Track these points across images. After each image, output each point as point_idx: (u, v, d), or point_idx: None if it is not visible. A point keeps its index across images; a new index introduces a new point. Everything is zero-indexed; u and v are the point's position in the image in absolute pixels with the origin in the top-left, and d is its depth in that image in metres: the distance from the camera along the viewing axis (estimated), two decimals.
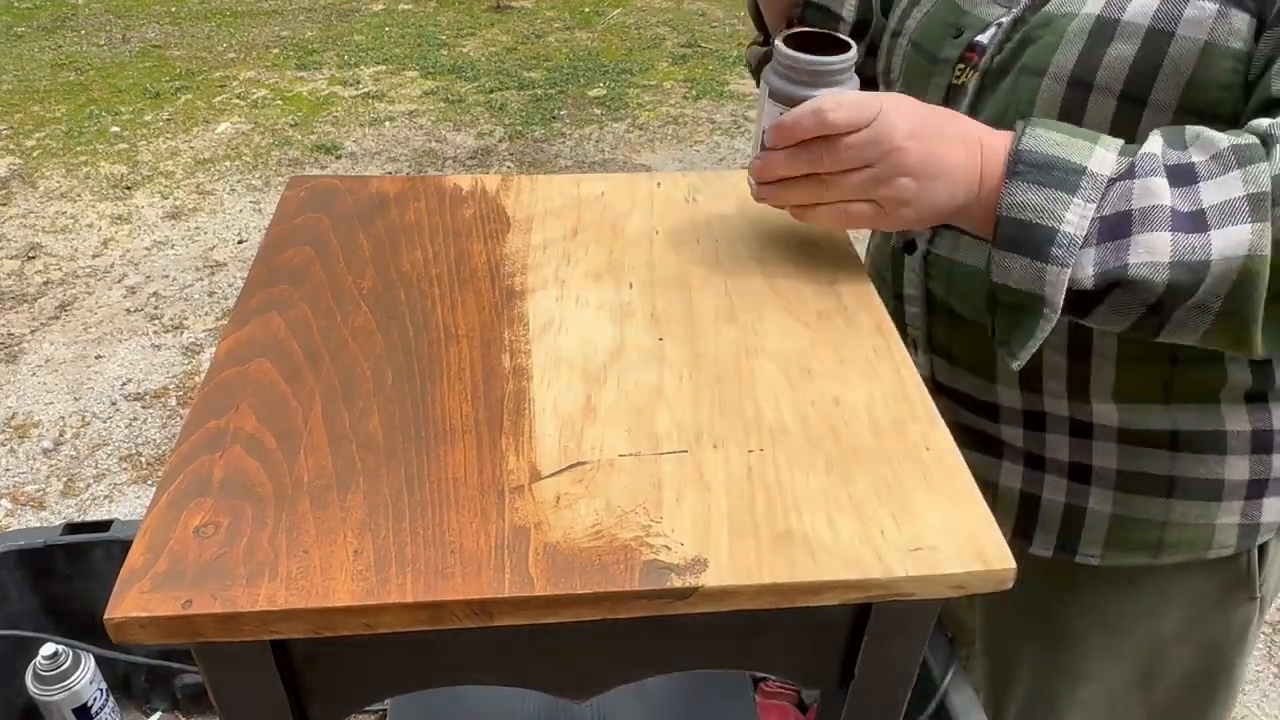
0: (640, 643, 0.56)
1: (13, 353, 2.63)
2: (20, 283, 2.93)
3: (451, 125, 3.99)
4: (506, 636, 0.51)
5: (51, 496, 2.18)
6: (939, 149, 0.64)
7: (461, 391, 0.60)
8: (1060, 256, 0.61)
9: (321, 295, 0.68)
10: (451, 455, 0.56)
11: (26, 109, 4.07)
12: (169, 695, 1.43)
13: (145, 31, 5.01)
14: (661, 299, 0.70)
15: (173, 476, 0.54)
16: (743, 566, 0.49)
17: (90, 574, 1.32)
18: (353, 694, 0.55)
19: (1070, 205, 0.61)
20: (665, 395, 0.61)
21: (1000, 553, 0.51)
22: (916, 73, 0.84)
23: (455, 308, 0.68)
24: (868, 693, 0.58)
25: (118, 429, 2.37)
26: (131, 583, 0.48)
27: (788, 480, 0.55)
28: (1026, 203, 0.61)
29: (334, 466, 0.54)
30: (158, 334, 2.71)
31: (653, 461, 0.56)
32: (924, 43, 0.83)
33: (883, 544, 0.51)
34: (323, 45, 4.82)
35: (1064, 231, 0.61)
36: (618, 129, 3.96)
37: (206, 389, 0.60)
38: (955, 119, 0.67)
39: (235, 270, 2.99)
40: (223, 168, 3.61)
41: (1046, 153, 0.62)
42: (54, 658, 1.24)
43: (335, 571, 0.48)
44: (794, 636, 0.56)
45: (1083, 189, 0.61)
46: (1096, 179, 0.61)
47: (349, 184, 0.83)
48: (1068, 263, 0.61)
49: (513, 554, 0.50)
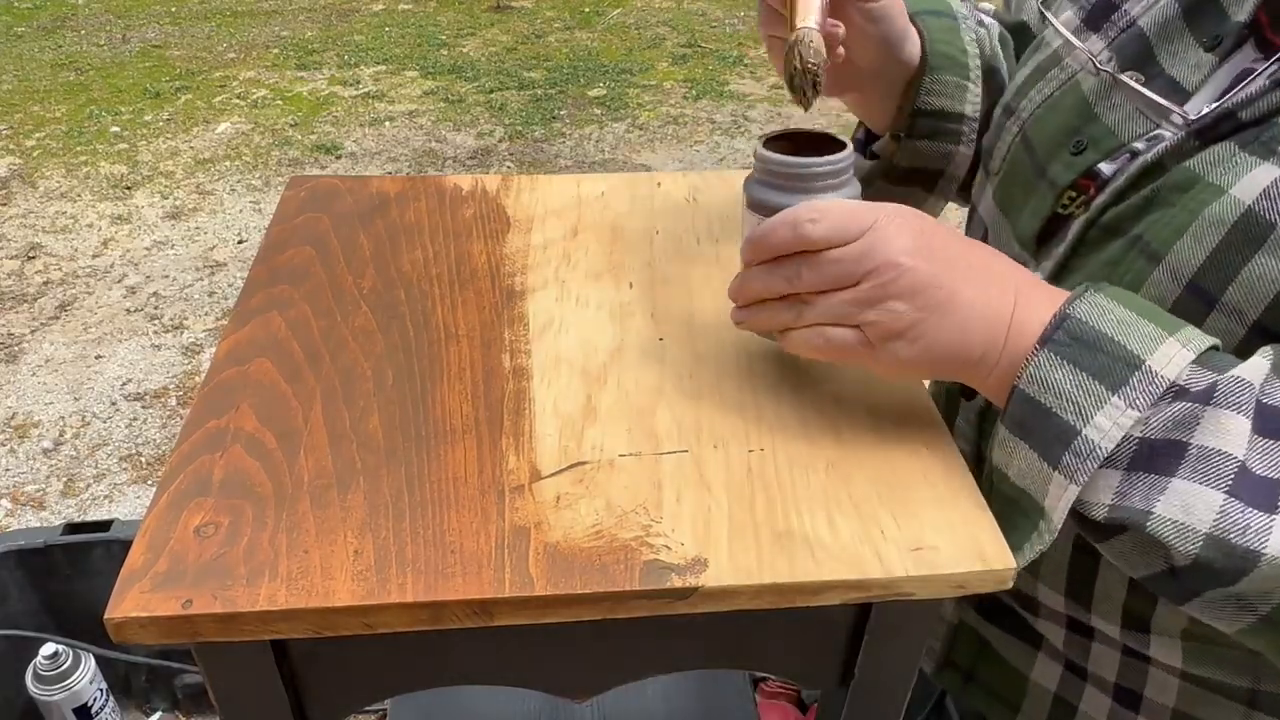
0: (640, 643, 0.56)
1: (13, 353, 2.63)
2: (20, 283, 2.93)
3: (451, 125, 3.99)
4: (507, 636, 0.51)
5: (51, 496, 2.18)
6: (955, 278, 0.51)
7: (462, 391, 0.60)
8: (1072, 468, 0.48)
9: (322, 295, 0.68)
10: (452, 455, 0.56)
11: (26, 109, 4.07)
12: (169, 695, 1.43)
13: (145, 31, 5.01)
14: (661, 299, 0.70)
15: (173, 476, 0.54)
16: (743, 566, 0.49)
17: (90, 574, 1.32)
18: (353, 694, 0.55)
19: (1105, 405, 0.47)
20: (665, 395, 0.61)
21: (1000, 552, 0.51)
22: (1021, 178, 0.67)
23: (455, 307, 0.68)
24: (868, 692, 0.58)
25: (118, 429, 2.37)
26: (132, 582, 0.48)
27: (788, 480, 0.55)
28: (1051, 382, 0.49)
29: (334, 466, 0.54)
30: (158, 334, 2.71)
31: (653, 461, 0.56)
32: (1036, 141, 0.66)
33: (883, 544, 0.51)
34: (323, 45, 4.82)
35: (1086, 436, 0.48)
36: (618, 129, 3.96)
37: (207, 389, 0.60)
38: (993, 255, 0.54)
39: (235, 270, 2.99)
40: (223, 168, 3.61)
41: (1098, 328, 0.49)
42: (54, 658, 1.24)
43: (335, 571, 0.48)
44: (794, 636, 0.56)
45: (1129, 388, 0.47)
46: (1153, 380, 0.47)
47: (349, 184, 0.83)
48: (1080, 478, 0.48)
49: (513, 554, 0.50)
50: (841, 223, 0.52)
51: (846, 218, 0.52)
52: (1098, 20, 0.65)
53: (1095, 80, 0.63)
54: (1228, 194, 0.52)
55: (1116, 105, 0.61)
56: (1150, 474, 0.47)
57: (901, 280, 0.51)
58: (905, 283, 0.51)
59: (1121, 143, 0.60)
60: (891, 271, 0.51)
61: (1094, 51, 0.63)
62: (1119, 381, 0.48)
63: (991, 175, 0.72)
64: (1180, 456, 0.47)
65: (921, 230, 0.52)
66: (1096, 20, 0.65)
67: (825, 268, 0.52)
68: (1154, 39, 0.61)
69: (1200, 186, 0.54)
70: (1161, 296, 0.54)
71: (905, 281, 0.51)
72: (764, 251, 0.54)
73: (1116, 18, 0.64)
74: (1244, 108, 0.53)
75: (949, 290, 0.51)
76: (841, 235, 0.51)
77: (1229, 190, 0.52)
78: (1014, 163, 0.69)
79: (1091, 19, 0.65)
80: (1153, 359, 0.48)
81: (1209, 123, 0.54)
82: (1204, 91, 0.57)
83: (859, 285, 0.52)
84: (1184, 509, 0.46)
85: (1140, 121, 0.59)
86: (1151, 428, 0.48)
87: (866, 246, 0.51)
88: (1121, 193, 0.58)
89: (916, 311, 0.51)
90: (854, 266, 0.51)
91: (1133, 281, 0.56)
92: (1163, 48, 0.60)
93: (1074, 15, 0.67)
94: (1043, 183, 0.64)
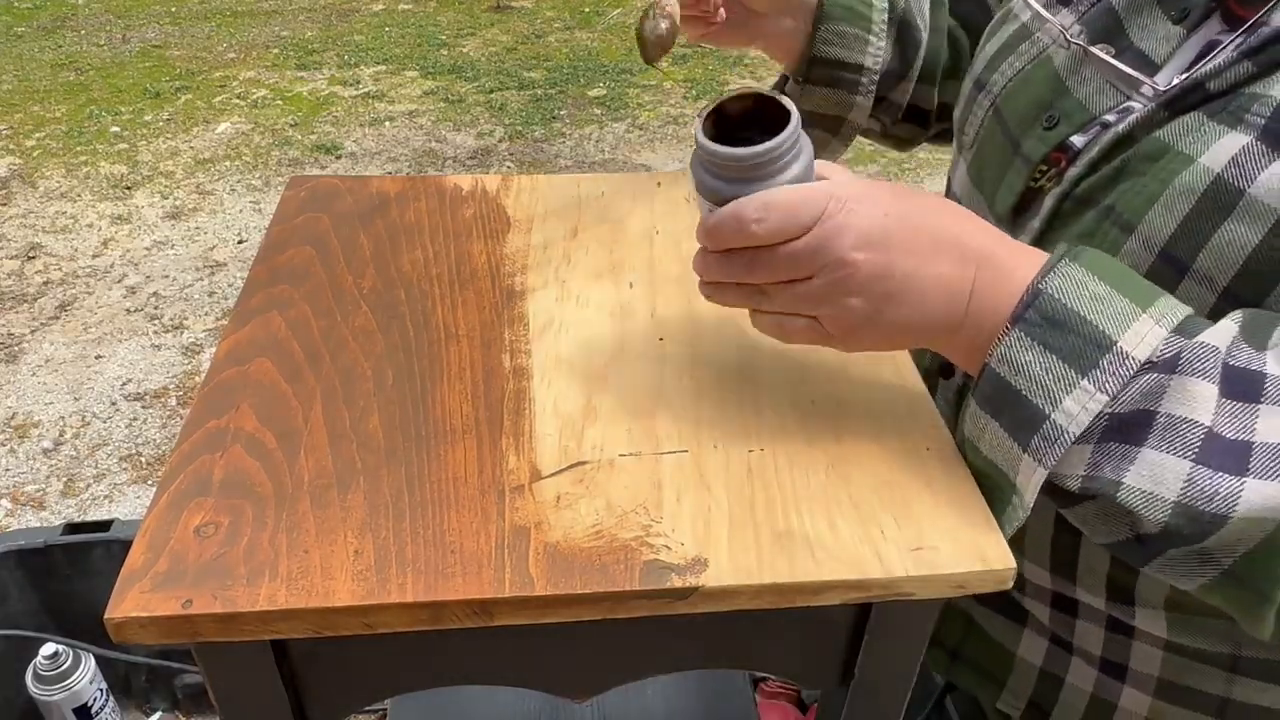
0: (640, 642, 0.56)
1: (13, 353, 2.63)
2: (20, 283, 2.93)
3: (451, 125, 3.99)
4: (507, 636, 0.51)
5: (51, 496, 2.18)
6: (906, 262, 0.51)
7: (462, 391, 0.60)
8: (1041, 450, 0.48)
9: (322, 295, 0.68)
10: (452, 455, 0.56)
11: (26, 109, 4.07)
12: (169, 695, 1.43)
13: (145, 31, 5.01)
14: (661, 299, 0.70)
15: (173, 476, 0.54)
16: (743, 566, 0.49)
17: (90, 574, 1.32)
18: (353, 694, 0.55)
19: (1074, 389, 0.47)
20: (666, 395, 0.61)
21: (1000, 553, 0.51)
22: (994, 152, 0.67)
23: (455, 307, 0.68)
24: (868, 692, 0.58)
25: (118, 429, 2.37)
26: (132, 582, 0.48)
27: (788, 480, 0.55)
28: (1021, 364, 0.49)
29: (334, 466, 0.54)
30: (158, 334, 2.71)
31: (653, 461, 0.56)
32: (1009, 115, 0.66)
33: (883, 544, 0.51)
34: (323, 45, 4.82)
35: (1054, 421, 0.48)
36: (618, 129, 3.96)
37: (207, 389, 0.60)
38: (944, 214, 0.53)
39: (235, 270, 2.99)
40: (223, 168, 3.61)
41: (1071, 306, 0.48)
42: (54, 657, 1.24)
43: (335, 571, 0.48)
44: (794, 636, 0.56)
45: (1100, 371, 0.47)
46: (1125, 361, 0.47)
47: (349, 184, 0.83)
48: (1048, 461, 0.48)
49: (513, 554, 0.50)
50: (789, 217, 0.51)
51: (793, 211, 0.51)
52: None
53: (1066, 54, 0.63)
54: (1197, 162, 0.52)
55: (1087, 79, 0.61)
56: (1121, 444, 0.47)
57: (854, 277, 0.51)
58: (858, 279, 0.51)
59: (1093, 115, 0.60)
60: (843, 269, 0.50)
61: (1065, 25, 0.64)
62: (1089, 365, 0.47)
63: (965, 150, 0.72)
64: (1149, 425, 0.47)
65: (873, 211, 0.51)
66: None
67: (776, 263, 0.52)
68: (1123, 12, 0.61)
69: (1170, 156, 0.54)
70: (1135, 265, 0.54)
71: (858, 278, 0.51)
72: (716, 244, 0.54)
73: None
74: (1212, 79, 0.53)
75: (902, 275, 0.51)
76: (791, 229, 0.51)
77: (1198, 159, 0.52)
78: (987, 138, 0.69)
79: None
80: (1124, 339, 0.47)
81: (1177, 93, 0.55)
82: (1172, 63, 0.58)
83: (812, 280, 0.52)
84: (1153, 479, 0.46)
85: (1111, 94, 0.60)
86: (1120, 403, 0.47)
87: (816, 243, 0.50)
88: (1093, 164, 0.58)
89: (870, 303, 0.51)
90: (806, 261, 0.51)
91: (1107, 252, 0.55)
92: (1132, 21, 0.60)
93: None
94: (1017, 158, 0.64)
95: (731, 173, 0.53)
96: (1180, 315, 0.49)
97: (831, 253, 0.50)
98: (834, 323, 0.53)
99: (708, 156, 0.53)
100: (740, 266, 0.53)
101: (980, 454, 0.53)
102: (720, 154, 0.52)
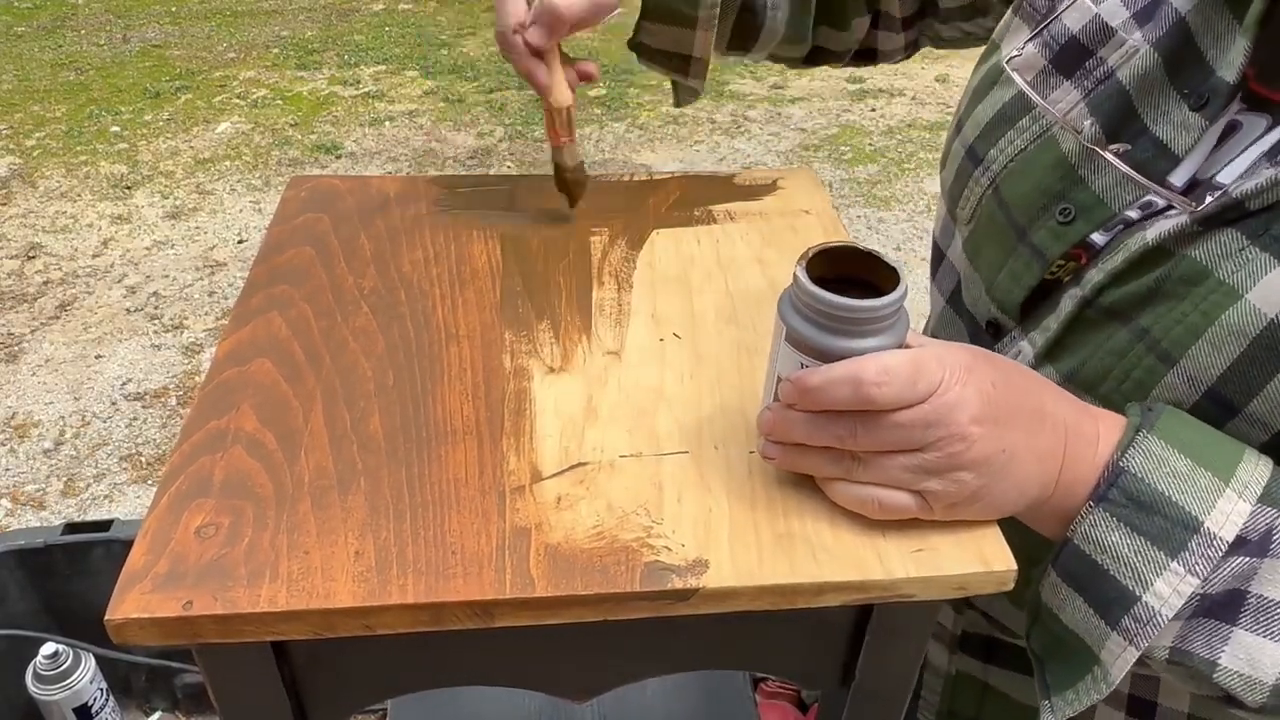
0: (641, 643, 0.56)
1: (13, 353, 2.63)
2: (20, 283, 2.93)
3: (451, 125, 3.99)
4: (507, 637, 0.51)
5: (51, 496, 2.18)
6: (1016, 436, 0.48)
7: (462, 392, 0.60)
8: (1132, 630, 0.47)
9: (322, 295, 0.68)
10: (452, 456, 0.56)
11: (26, 109, 4.07)
12: (169, 695, 1.43)
13: (145, 31, 5.01)
14: (661, 299, 0.70)
15: (173, 477, 0.54)
16: (744, 567, 0.49)
17: (90, 573, 1.32)
18: (353, 694, 0.55)
19: (1164, 572, 0.47)
20: (666, 396, 0.61)
21: (1001, 554, 0.51)
22: (994, 234, 0.64)
23: (456, 308, 0.68)
24: (869, 694, 0.58)
25: (118, 429, 2.37)
26: (132, 583, 0.48)
27: (789, 481, 0.54)
28: (1107, 544, 0.48)
29: (335, 467, 0.54)
30: (158, 334, 2.71)
31: (654, 462, 0.56)
32: (1011, 199, 0.62)
33: (884, 545, 0.51)
34: (323, 45, 4.82)
35: (1146, 603, 0.47)
36: (618, 129, 3.96)
37: (207, 389, 0.60)
38: (1033, 386, 0.51)
39: (235, 270, 2.99)
40: (223, 168, 3.61)
41: (1155, 487, 0.47)
42: (54, 657, 1.25)
43: (336, 572, 0.48)
44: (795, 637, 0.56)
45: (1189, 553, 0.47)
46: (1213, 542, 0.46)
47: (349, 184, 0.83)
48: (1141, 643, 0.47)
49: (514, 555, 0.50)
50: (909, 386, 0.47)
51: (913, 379, 0.47)
52: (1069, 66, 0.61)
53: (1075, 140, 0.59)
54: (1245, 300, 0.50)
55: (1102, 169, 0.58)
56: (1211, 620, 0.47)
57: (970, 452, 0.48)
58: (974, 454, 0.48)
59: (1113, 212, 0.57)
60: (961, 444, 0.47)
61: (1068, 103, 0.60)
62: (1177, 547, 0.47)
63: (960, 224, 0.68)
64: (1240, 606, 0.47)
65: (985, 387, 0.48)
66: (1067, 66, 0.61)
67: (887, 432, 0.48)
68: (1134, 93, 0.57)
69: (1211, 284, 0.52)
70: (1178, 401, 0.53)
71: (974, 453, 0.48)
72: (816, 403, 0.49)
73: (1091, 65, 0.60)
74: (1252, 199, 0.51)
75: (1011, 451, 0.49)
76: (908, 399, 0.47)
77: (1245, 295, 0.50)
78: (985, 218, 0.65)
79: (1061, 63, 0.61)
80: (1210, 518, 0.47)
81: (1213, 211, 0.52)
82: (1193, 156, 0.55)
83: (922, 452, 0.48)
84: (1249, 662, 0.46)
85: (1130, 187, 0.57)
86: (1211, 584, 0.47)
87: (934, 416, 0.47)
88: (1120, 274, 0.56)
89: (980, 479, 0.48)
90: (920, 434, 0.47)
91: (1144, 380, 0.54)
92: (1145, 103, 0.57)
93: (1037, 51, 0.63)
94: (1024, 247, 0.61)
95: (840, 325, 0.48)
96: (1263, 481, 0.48)
97: (949, 426, 0.47)
98: (940, 497, 0.49)
99: (821, 306, 0.48)
100: (840, 430, 0.49)
101: (1060, 623, 0.51)
102: (841, 305, 0.48)
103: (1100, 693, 0.50)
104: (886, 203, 3.38)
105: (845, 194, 3.43)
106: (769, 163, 3.63)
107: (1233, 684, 0.47)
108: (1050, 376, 0.59)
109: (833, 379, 0.48)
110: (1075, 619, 0.50)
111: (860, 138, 3.86)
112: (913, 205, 3.36)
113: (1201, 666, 0.47)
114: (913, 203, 3.38)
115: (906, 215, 3.31)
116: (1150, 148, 0.56)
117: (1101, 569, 0.48)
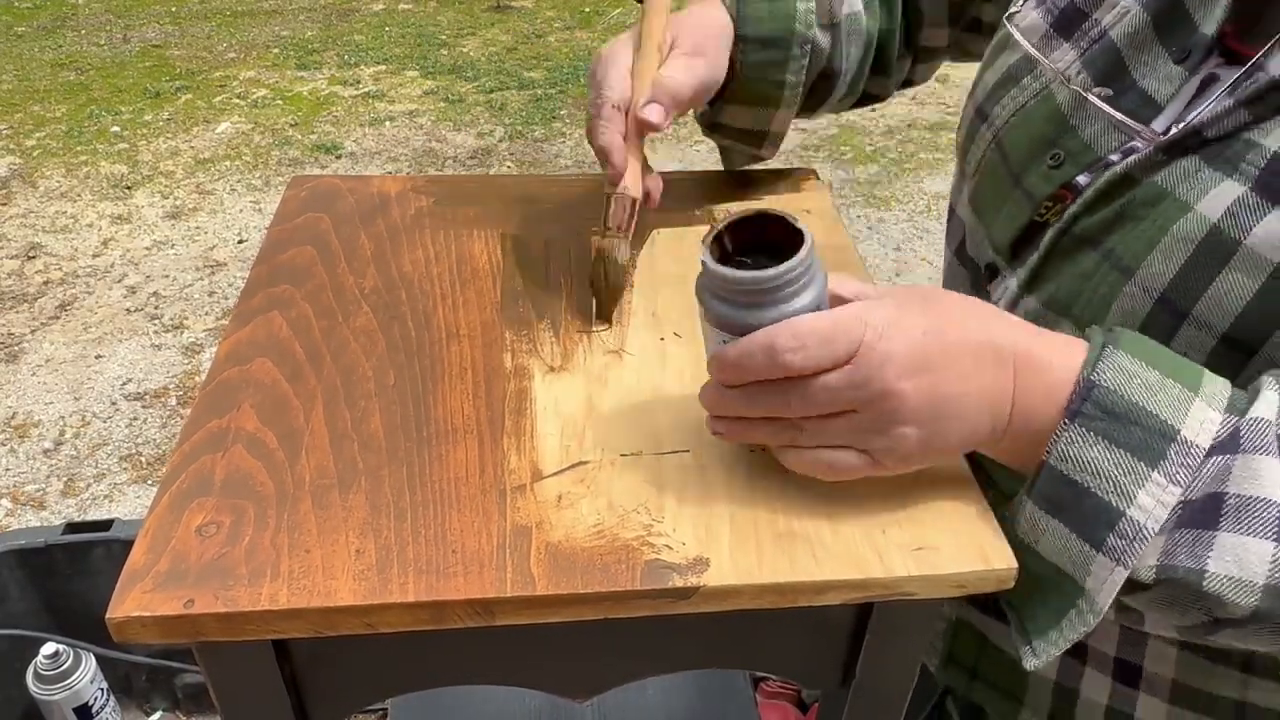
0: (641, 642, 0.56)
1: (13, 353, 2.63)
2: (20, 283, 2.93)
3: (451, 125, 3.99)
4: (507, 636, 0.51)
5: (51, 496, 2.18)
6: (949, 382, 0.48)
7: (463, 391, 0.60)
8: (1119, 549, 0.47)
9: (323, 295, 0.68)
10: (453, 455, 0.56)
11: (26, 109, 4.07)
12: (169, 694, 1.44)
13: (145, 31, 5.01)
14: (662, 299, 0.70)
15: (174, 476, 0.54)
16: (744, 566, 0.49)
17: (91, 573, 1.33)
18: (353, 693, 0.55)
19: (1148, 482, 0.46)
20: (666, 394, 0.61)
21: (1001, 552, 0.51)
22: (994, 184, 0.67)
23: (457, 307, 0.68)
24: (869, 692, 0.58)
25: (118, 429, 2.37)
26: (133, 582, 0.48)
27: (789, 479, 0.54)
28: (1088, 462, 0.47)
29: (335, 466, 0.55)
30: (158, 334, 2.71)
31: (654, 461, 0.56)
32: (1010, 149, 0.66)
33: (884, 543, 0.51)
34: (323, 45, 4.82)
35: (1131, 517, 0.47)
36: None
37: (208, 389, 0.60)
38: (972, 318, 0.51)
39: (235, 270, 2.99)
40: (223, 167, 3.61)
41: (1130, 398, 0.47)
42: (55, 657, 1.25)
43: (337, 571, 0.48)
44: (795, 636, 0.56)
45: (1169, 462, 0.46)
46: (1191, 450, 0.46)
47: (350, 184, 0.83)
48: (1129, 560, 0.47)
49: (514, 553, 0.50)
50: (826, 347, 0.47)
51: (829, 340, 0.47)
52: (1068, 28, 0.64)
53: (1069, 91, 0.63)
54: (1194, 210, 0.53)
55: (1091, 117, 0.61)
56: (1192, 529, 0.46)
57: (905, 408, 0.48)
58: (909, 408, 0.48)
59: (1098, 156, 0.60)
60: (893, 400, 0.47)
61: (1066, 62, 0.64)
62: (1157, 457, 0.46)
63: (967, 178, 0.72)
64: (1219, 509, 0.46)
65: (915, 336, 0.48)
66: (1067, 28, 0.65)
67: (817, 395, 0.48)
68: (1126, 50, 0.61)
69: (1168, 202, 0.55)
70: (1133, 309, 0.55)
71: (909, 407, 0.48)
72: (739, 377, 0.50)
73: (1087, 27, 0.63)
74: (1209, 126, 0.54)
75: (950, 396, 0.48)
76: (828, 360, 0.47)
77: (1195, 206, 0.53)
78: (988, 169, 0.68)
79: (1061, 25, 0.65)
80: (1186, 426, 0.46)
81: (1176, 139, 0.55)
82: (1174, 103, 0.58)
83: (858, 414, 0.49)
84: (1237, 563, 0.45)
85: (1115, 135, 0.60)
86: (1191, 491, 0.47)
87: (860, 375, 0.47)
88: (1091, 203, 0.58)
89: (923, 430, 0.49)
90: (850, 394, 0.48)
91: (1106, 295, 0.57)
92: (1135, 59, 0.60)
93: (1040, 18, 0.67)
94: (1017, 191, 0.64)
95: (747, 298, 0.49)
96: (1226, 394, 0.48)
97: (876, 384, 0.47)
98: (888, 454, 0.50)
99: (725, 283, 0.49)
100: (771, 400, 0.50)
101: (1037, 555, 0.51)
102: (734, 279, 0.48)
103: (1088, 624, 0.49)
104: (886, 203, 3.38)
105: (845, 194, 3.43)
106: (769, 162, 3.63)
107: (1224, 590, 0.45)
108: (1031, 307, 0.62)
109: (747, 350, 0.49)
110: (1055, 547, 0.49)
111: (860, 138, 3.86)
112: (912, 205, 3.36)
113: (1189, 578, 0.46)
114: (913, 203, 3.38)
115: (906, 215, 3.31)
116: (1137, 99, 0.60)
117: (1082, 487, 0.47)
